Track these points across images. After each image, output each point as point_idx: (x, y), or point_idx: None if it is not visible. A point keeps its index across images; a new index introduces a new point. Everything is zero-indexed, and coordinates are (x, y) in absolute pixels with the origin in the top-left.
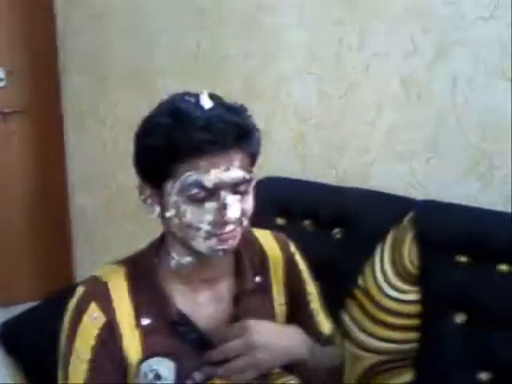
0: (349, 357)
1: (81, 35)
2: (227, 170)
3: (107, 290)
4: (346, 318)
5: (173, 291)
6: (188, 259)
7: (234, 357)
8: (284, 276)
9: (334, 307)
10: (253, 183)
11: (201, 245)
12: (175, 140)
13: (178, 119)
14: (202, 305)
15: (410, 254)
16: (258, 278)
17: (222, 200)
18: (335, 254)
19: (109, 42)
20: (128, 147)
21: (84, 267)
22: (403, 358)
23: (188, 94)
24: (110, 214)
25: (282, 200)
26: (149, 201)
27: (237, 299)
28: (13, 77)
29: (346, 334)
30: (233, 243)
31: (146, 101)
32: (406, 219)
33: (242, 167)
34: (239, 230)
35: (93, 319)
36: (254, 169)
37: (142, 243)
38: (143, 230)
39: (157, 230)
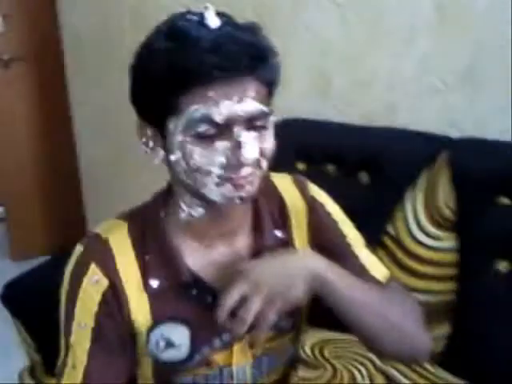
0: None
1: None
2: (241, 101)
3: (109, 248)
4: None
5: (183, 248)
6: (200, 210)
7: (240, 305)
8: (308, 227)
9: None
10: (272, 118)
11: (213, 192)
12: (177, 66)
13: (179, 41)
14: (217, 263)
15: (445, 196)
16: (278, 232)
17: (235, 138)
18: (362, 200)
19: None
20: None
21: (98, 220)
22: (438, 311)
23: (190, 12)
24: (123, 164)
25: (301, 143)
26: (150, 143)
27: (255, 256)
28: (12, 21)
29: None
30: (251, 189)
31: None
32: (441, 159)
33: (257, 98)
34: (257, 173)
35: (94, 282)
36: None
37: None
38: (158, 181)
39: None
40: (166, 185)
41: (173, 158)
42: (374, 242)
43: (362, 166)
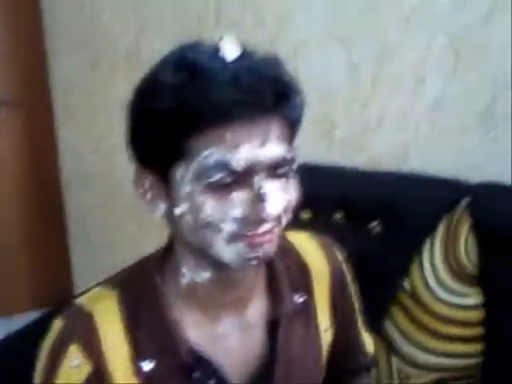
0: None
1: (68, 12)
2: (263, 144)
3: (93, 323)
4: (390, 329)
5: (184, 321)
6: (205, 275)
7: None
8: (330, 292)
9: (375, 316)
10: (296, 164)
11: (224, 252)
12: (187, 102)
13: (190, 74)
14: (225, 337)
15: (467, 248)
16: (298, 297)
17: (256, 188)
18: (374, 252)
19: (99, 20)
20: (124, 138)
21: (83, 273)
22: (464, 376)
23: (200, 44)
24: (110, 213)
25: (307, 190)
26: (149, 195)
27: (272, 326)
28: None
29: (390, 348)
30: (269, 249)
31: None
32: (460, 207)
33: (282, 141)
34: (277, 230)
35: (74, 367)
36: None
37: (148, 246)
38: (149, 231)
39: (165, 232)
40: (165, 244)
41: (178, 211)
42: (389, 298)
43: (374, 215)
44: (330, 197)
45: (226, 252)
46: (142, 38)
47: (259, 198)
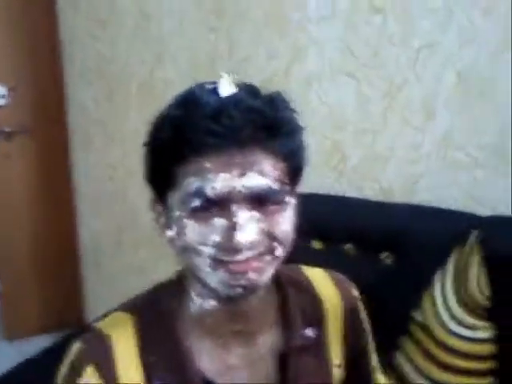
0: None
1: (86, 44)
2: (242, 175)
3: (110, 347)
4: (401, 361)
5: (196, 349)
6: (212, 303)
7: None
8: (343, 329)
9: (385, 348)
10: (291, 199)
11: (209, 277)
12: (179, 133)
13: (186, 108)
14: (235, 367)
15: (478, 281)
16: (309, 331)
17: (232, 216)
18: (385, 284)
19: (116, 52)
20: (139, 166)
21: (95, 300)
22: None
23: (211, 82)
24: (123, 240)
25: (317, 220)
26: (161, 221)
27: (282, 359)
28: (15, 94)
29: (401, 380)
30: (255, 277)
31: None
32: (471, 239)
33: (267, 173)
34: (267, 259)
35: None
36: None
37: (161, 272)
38: (160, 258)
39: (175, 259)
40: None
41: (169, 233)
42: (400, 330)
43: (385, 246)
44: (340, 227)
45: (212, 278)
46: (157, 70)
47: (232, 227)
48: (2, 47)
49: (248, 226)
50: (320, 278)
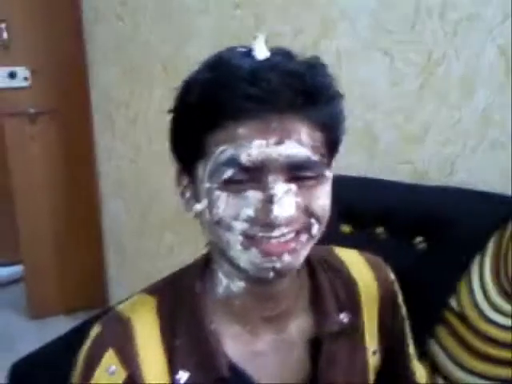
0: None
1: (108, 24)
2: (280, 143)
3: (131, 331)
4: (435, 349)
5: (222, 333)
6: (240, 285)
7: None
8: (379, 313)
9: (419, 335)
10: (328, 172)
11: (239, 256)
12: (209, 97)
13: (217, 71)
14: (263, 353)
15: None
16: (344, 316)
17: (267, 188)
18: (419, 269)
19: (138, 31)
20: (164, 147)
21: (117, 282)
22: None
23: (241, 46)
24: (146, 222)
25: (347, 203)
26: (187, 194)
27: (314, 346)
28: (38, 76)
29: (435, 369)
30: (290, 260)
31: None
32: (511, 223)
33: (305, 143)
34: (303, 239)
35: (110, 373)
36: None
37: (184, 256)
38: (186, 241)
39: (201, 242)
40: (203, 250)
41: (198, 207)
42: (434, 317)
43: (418, 230)
44: (371, 210)
45: (242, 257)
46: (181, 49)
47: (269, 199)
48: (23, 29)
49: (285, 200)
50: (354, 260)
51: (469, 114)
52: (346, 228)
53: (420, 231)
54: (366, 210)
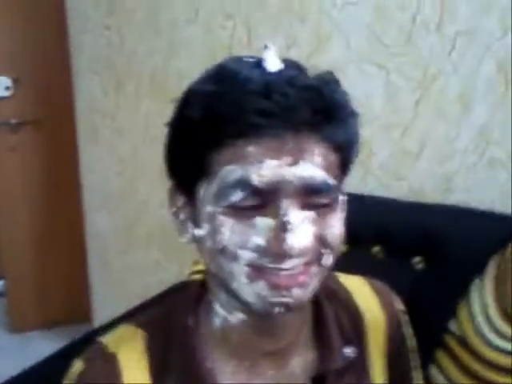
0: None
1: (94, 34)
2: (294, 163)
3: (116, 369)
4: (435, 374)
5: (218, 370)
6: (240, 317)
7: None
8: (386, 346)
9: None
10: (341, 196)
11: (244, 289)
12: (214, 111)
13: (223, 83)
14: None
15: None
16: (349, 350)
17: (281, 214)
18: (416, 291)
19: (125, 42)
20: (150, 159)
21: (102, 297)
22: None
23: (250, 56)
24: (132, 237)
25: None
26: (181, 215)
27: (318, 382)
28: (20, 85)
29: None
30: (300, 294)
31: (168, 108)
32: None
33: (322, 165)
34: (314, 270)
35: None
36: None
37: (170, 272)
38: (173, 256)
39: (189, 258)
40: (200, 279)
41: (199, 233)
42: (434, 341)
43: (417, 250)
44: (367, 229)
45: (247, 290)
46: (169, 60)
47: (282, 227)
48: (5, 37)
49: (301, 228)
50: (359, 288)
51: (466, 131)
52: (341, 247)
53: (418, 251)
54: (361, 228)
